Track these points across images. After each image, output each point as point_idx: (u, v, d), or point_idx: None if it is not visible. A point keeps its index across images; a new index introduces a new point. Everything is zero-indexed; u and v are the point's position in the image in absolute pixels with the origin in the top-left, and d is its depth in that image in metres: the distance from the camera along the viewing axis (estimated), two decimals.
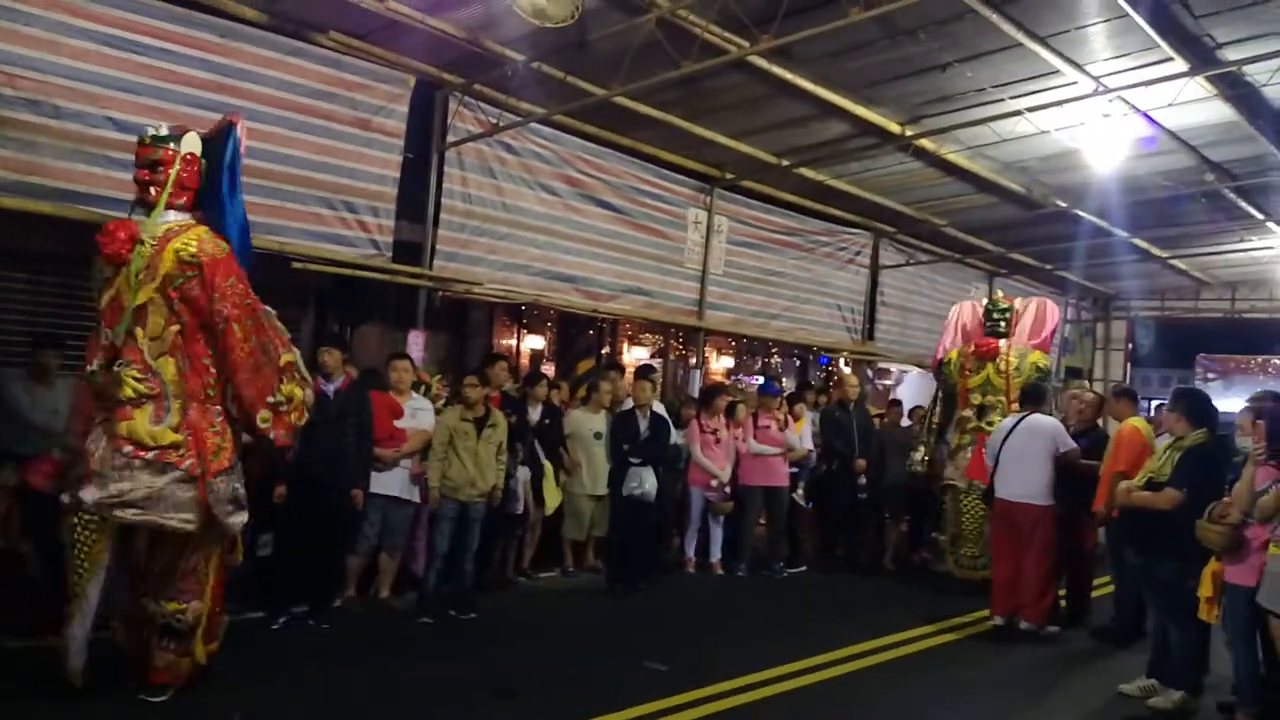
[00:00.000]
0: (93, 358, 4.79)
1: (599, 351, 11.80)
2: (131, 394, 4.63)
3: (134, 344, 4.66)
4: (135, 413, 4.63)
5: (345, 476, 6.27)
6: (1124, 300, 19.30)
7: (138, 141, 4.96)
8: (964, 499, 8.65)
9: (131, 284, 4.65)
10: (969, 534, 8.62)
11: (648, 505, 7.77)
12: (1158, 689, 5.66)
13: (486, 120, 8.69)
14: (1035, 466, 7.07)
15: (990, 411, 8.67)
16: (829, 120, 9.33)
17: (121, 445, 4.58)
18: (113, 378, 4.63)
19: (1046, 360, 8.91)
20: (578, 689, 5.36)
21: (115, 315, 4.69)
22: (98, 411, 4.76)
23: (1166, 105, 8.01)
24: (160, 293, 4.67)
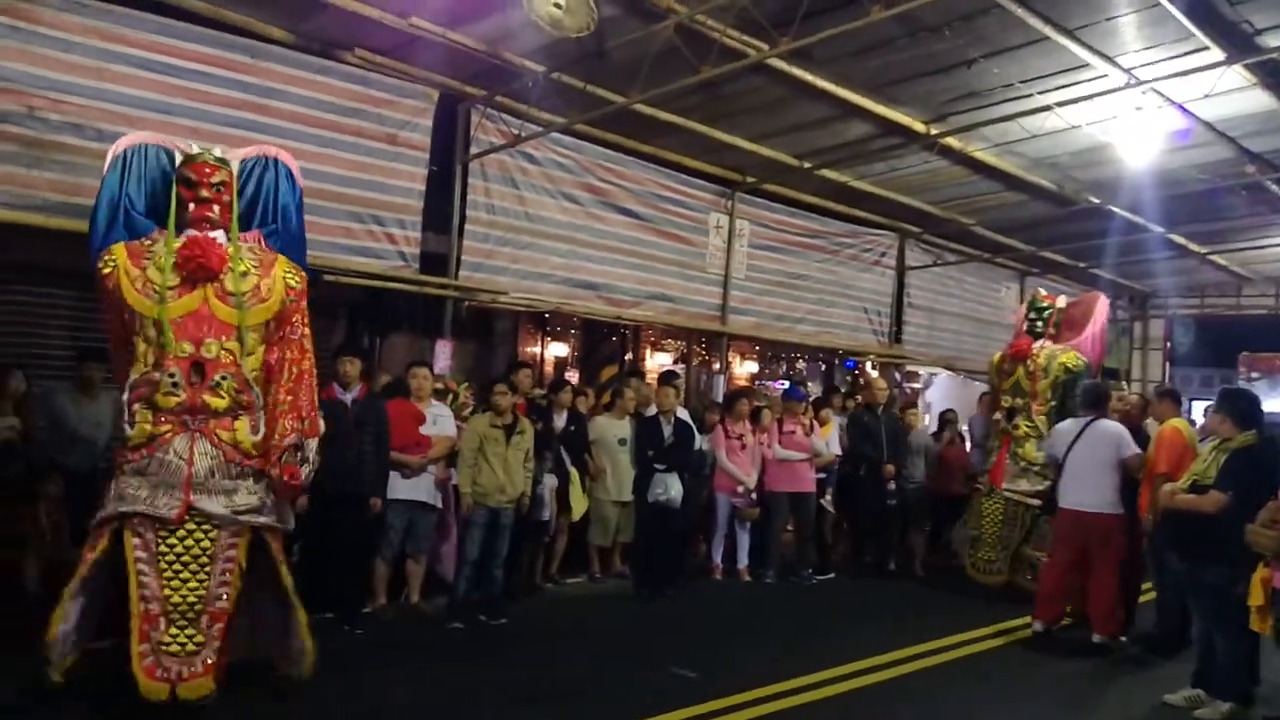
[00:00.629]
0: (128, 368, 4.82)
1: (622, 358, 11.82)
2: (232, 406, 4.85)
3: (232, 359, 4.88)
4: (236, 424, 4.86)
5: (363, 485, 6.31)
6: (1161, 298, 18.94)
7: (195, 159, 5.08)
8: (984, 502, 8.56)
9: (236, 302, 4.88)
10: (988, 538, 8.50)
11: (673, 511, 7.76)
12: (1204, 699, 5.49)
13: (508, 131, 8.76)
14: (1104, 474, 6.85)
15: (1018, 415, 8.55)
16: (851, 121, 9.28)
17: (233, 455, 4.82)
18: (211, 389, 4.79)
19: (1077, 360, 8.58)
20: (606, 695, 5.37)
21: (201, 328, 4.83)
22: (169, 421, 4.74)
23: (1203, 96, 7.84)
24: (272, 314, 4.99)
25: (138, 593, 4.58)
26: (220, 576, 4.71)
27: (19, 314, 7.19)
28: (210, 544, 4.71)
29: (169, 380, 4.74)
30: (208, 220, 4.99)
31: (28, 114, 6.32)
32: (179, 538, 4.67)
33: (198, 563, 4.68)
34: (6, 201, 6.28)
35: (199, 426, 4.79)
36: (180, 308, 4.82)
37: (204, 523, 4.70)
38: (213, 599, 4.67)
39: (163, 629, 4.57)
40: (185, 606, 4.61)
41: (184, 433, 4.76)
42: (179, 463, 4.71)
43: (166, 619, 4.59)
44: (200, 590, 4.65)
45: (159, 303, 4.77)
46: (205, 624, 4.64)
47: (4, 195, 6.27)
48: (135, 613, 4.57)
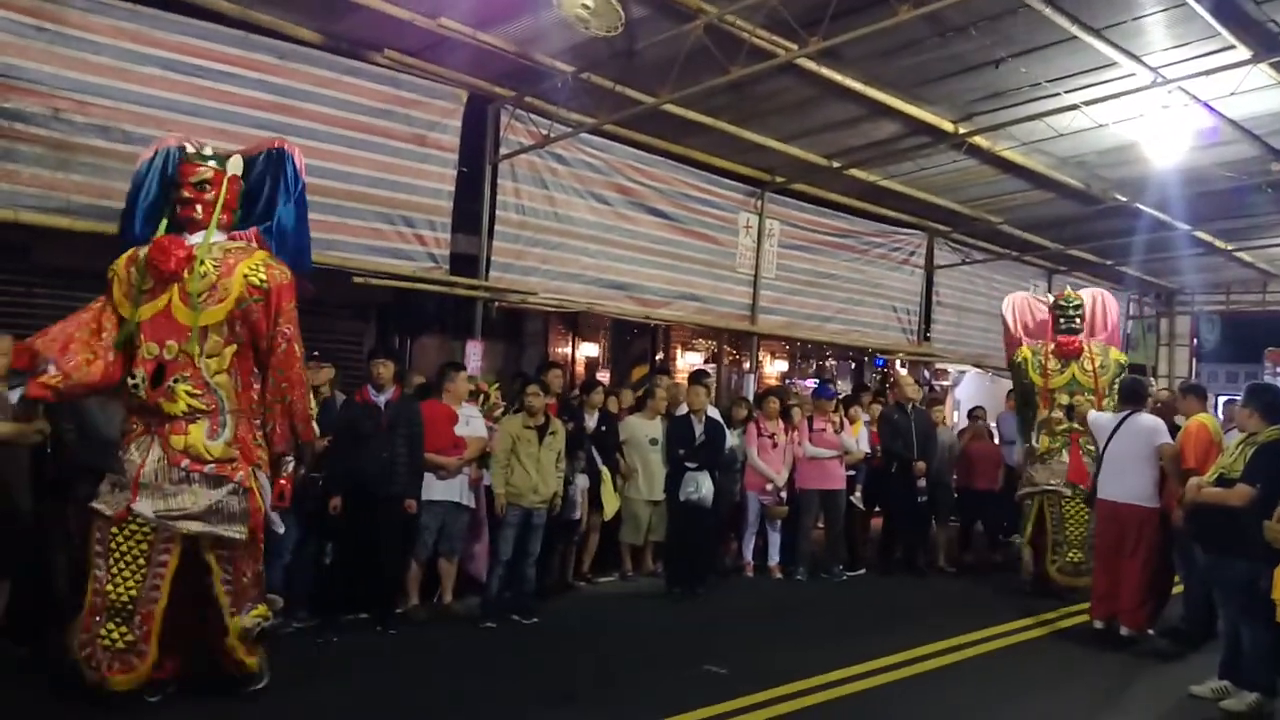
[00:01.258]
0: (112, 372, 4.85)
1: (653, 358, 11.86)
2: (186, 409, 4.78)
3: (190, 360, 4.80)
4: (190, 427, 4.78)
5: (397, 487, 6.34)
6: (1187, 295, 18.83)
7: (182, 159, 5.05)
8: (1067, 504, 8.26)
9: (192, 303, 4.80)
10: (1074, 539, 8.23)
11: (704, 510, 7.79)
12: (1230, 690, 5.51)
13: (537, 132, 8.82)
14: (1140, 467, 6.83)
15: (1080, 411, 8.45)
16: (880, 120, 9.29)
17: (179, 459, 4.74)
18: (166, 392, 4.76)
19: (1125, 356, 8.73)
20: (639, 692, 5.41)
21: (163, 330, 4.80)
22: (136, 423, 4.86)
23: (1229, 94, 7.84)
24: (225, 314, 4.85)
25: (92, 585, 4.70)
26: (152, 579, 4.70)
27: (45, 317, 7.21)
28: (147, 546, 4.70)
29: (131, 383, 4.82)
30: (191, 221, 4.98)
31: (53, 115, 6.35)
32: (124, 536, 4.70)
33: (136, 563, 4.69)
34: (32, 204, 6.31)
35: (155, 429, 4.80)
36: (150, 309, 4.83)
37: (143, 524, 4.69)
38: (145, 600, 4.68)
39: (101, 622, 4.65)
40: (120, 604, 4.66)
41: (145, 435, 4.82)
42: (134, 463, 4.76)
43: (105, 614, 4.66)
44: (134, 590, 4.67)
45: (135, 305, 4.84)
46: (136, 623, 4.67)
47: (30, 198, 6.30)
48: (86, 603, 4.69)
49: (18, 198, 6.29)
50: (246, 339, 4.94)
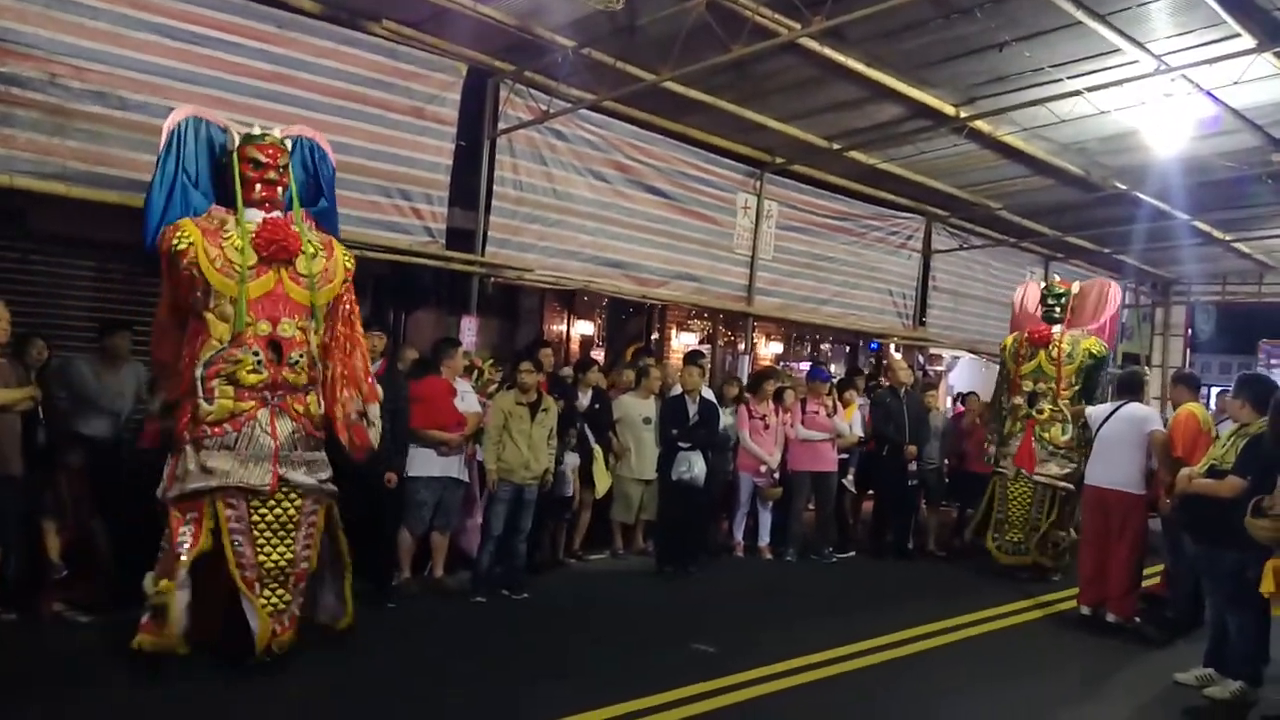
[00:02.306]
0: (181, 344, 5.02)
1: (648, 337, 11.85)
2: (307, 382, 5.10)
3: (305, 336, 5.08)
4: (308, 398, 5.12)
5: (378, 460, 6.25)
6: (1184, 284, 18.86)
7: (262, 140, 5.18)
8: (1011, 486, 8.64)
9: (309, 284, 5.09)
10: (1014, 520, 8.59)
11: (696, 489, 7.81)
12: (1215, 678, 5.56)
13: (537, 107, 8.75)
14: (1129, 454, 6.89)
15: (1041, 399, 8.62)
16: (881, 102, 9.24)
17: (311, 429, 5.11)
18: (291, 366, 5.00)
19: (1101, 346, 8.71)
20: (627, 669, 5.43)
21: (277, 308, 5.00)
22: (250, 397, 4.91)
23: (1231, 83, 7.79)
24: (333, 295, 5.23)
25: (234, 559, 4.82)
26: (304, 541, 5.02)
27: (39, 284, 7.19)
28: (296, 512, 4.98)
29: (253, 358, 4.90)
30: (271, 201, 5.15)
31: (50, 80, 6.28)
32: (269, 507, 4.91)
33: (285, 529, 4.95)
34: (28, 169, 6.25)
35: (278, 402, 4.99)
36: (259, 287, 4.97)
37: (290, 492, 4.96)
38: (299, 561, 4.99)
39: (259, 591, 4.84)
40: (276, 570, 4.90)
41: (264, 408, 4.95)
42: (265, 437, 4.92)
43: (260, 582, 4.85)
44: (289, 554, 4.95)
45: (239, 282, 4.90)
46: (292, 584, 4.96)
47: (26, 163, 6.24)
48: (235, 578, 4.81)
49: (13, 162, 6.22)
50: (335, 315, 5.30)
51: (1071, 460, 8.41)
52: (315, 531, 5.07)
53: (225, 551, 4.80)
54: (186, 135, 5.16)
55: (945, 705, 5.20)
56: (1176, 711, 5.33)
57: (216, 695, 4.64)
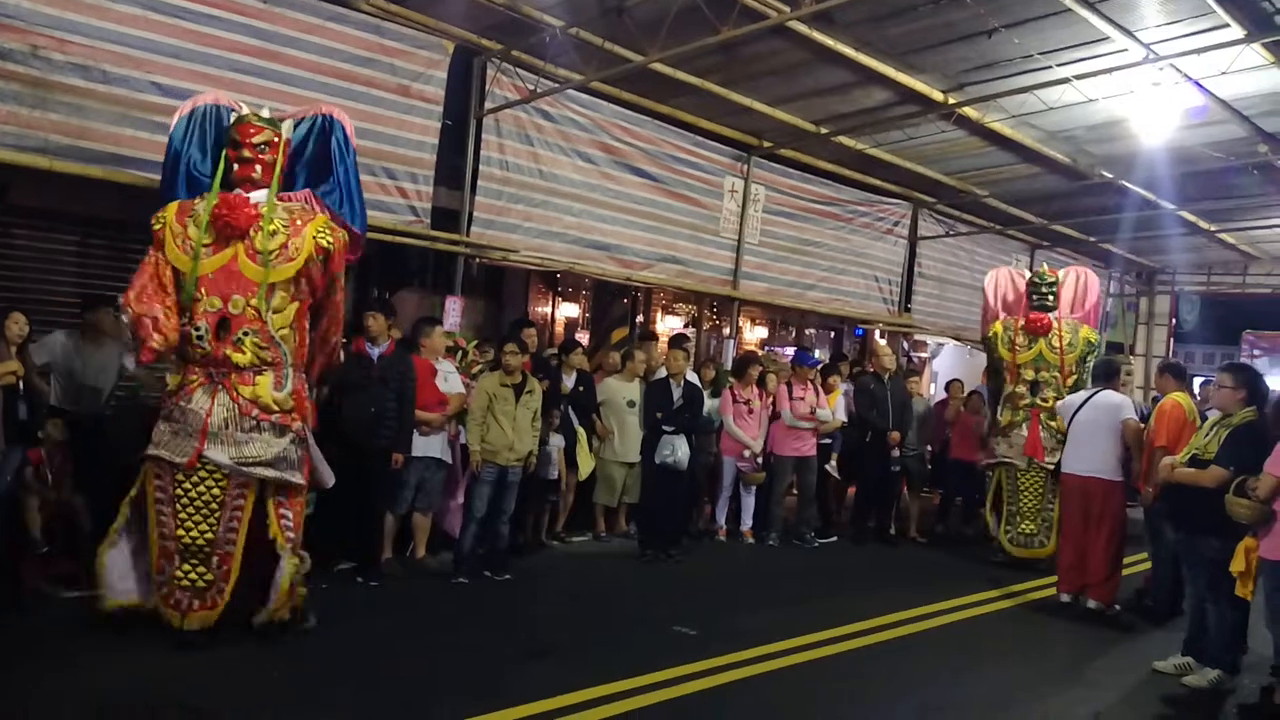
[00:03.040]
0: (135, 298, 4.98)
1: (633, 320, 11.83)
2: (254, 361, 5.03)
3: (257, 315, 5.03)
4: (258, 379, 5.05)
5: (384, 440, 6.37)
6: (1169, 274, 18.97)
7: (242, 119, 5.23)
8: (1023, 477, 8.58)
9: (262, 260, 5.02)
10: (1027, 511, 8.54)
11: (679, 473, 7.82)
12: (1193, 666, 5.63)
13: (524, 87, 8.69)
14: (1104, 441, 6.95)
15: (1044, 388, 8.57)
16: (870, 87, 9.22)
17: (249, 409, 5.01)
18: (234, 345, 4.98)
19: (1095, 334, 8.83)
20: (608, 650, 5.46)
21: (228, 285, 5.00)
22: (196, 373, 5.02)
23: (1219, 73, 7.80)
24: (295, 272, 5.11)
25: (156, 530, 4.96)
26: (228, 522, 4.97)
27: (22, 259, 7.12)
28: (220, 491, 4.96)
29: (195, 334, 4.97)
30: (249, 180, 5.17)
31: (31, 53, 6.19)
32: (192, 483, 4.94)
33: (208, 508, 4.95)
34: (10, 143, 6.17)
35: (221, 380, 5.01)
36: (212, 264, 5.00)
37: (214, 471, 4.95)
38: (222, 542, 4.97)
39: (176, 564, 4.92)
40: (195, 547, 4.93)
41: (207, 384, 5.01)
42: (199, 413, 4.95)
43: (180, 556, 4.92)
44: (209, 534, 4.94)
45: (193, 259, 4.97)
46: (215, 564, 4.96)
47: (7, 136, 6.16)
48: (153, 548, 4.96)
49: None
50: (307, 295, 5.22)
51: None
52: (241, 515, 5.01)
53: (150, 520, 4.97)
54: (198, 120, 5.28)
55: (926, 690, 5.24)
56: (1155, 699, 5.38)
57: (194, 670, 4.63)
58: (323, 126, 5.45)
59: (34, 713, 4.08)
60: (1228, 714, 5.25)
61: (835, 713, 4.86)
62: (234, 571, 4.99)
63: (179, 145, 5.25)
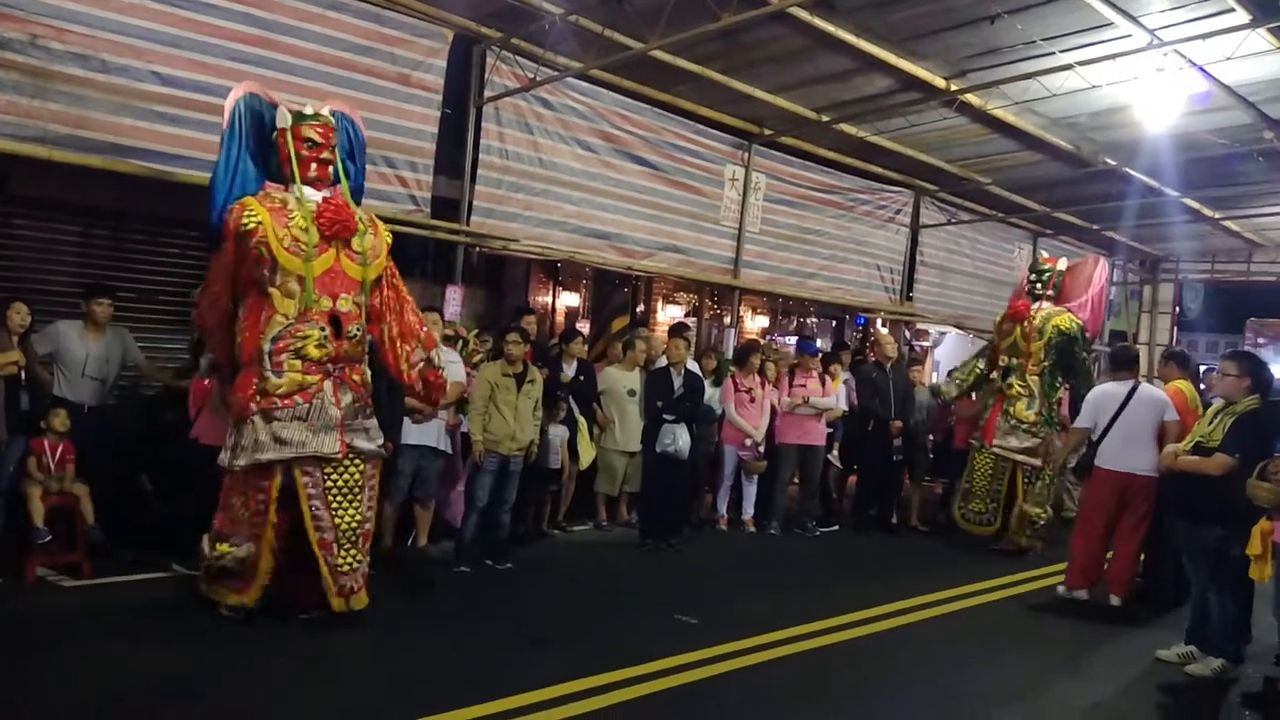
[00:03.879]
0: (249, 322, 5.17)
1: (633, 309, 11.81)
2: (361, 353, 5.38)
3: (359, 311, 5.33)
4: (362, 368, 5.39)
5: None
6: (1172, 262, 18.88)
7: (317, 119, 5.35)
8: (977, 457, 8.89)
9: (362, 260, 5.30)
10: (978, 491, 8.84)
11: (680, 462, 7.82)
12: (1196, 656, 5.62)
13: (523, 75, 8.66)
14: (1149, 438, 6.70)
15: (1012, 374, 8.75)
16: (871, 74, 9.16)
17: (365, 399, 5.38)
18: (349, 341, 5.24)
19: (1071, 323, 8.75)
20: (609, 639, 5.46)
21: (336, 284, 5.22)
22: (314, 371, 5.14)
23: (1224, 59, 7.72)
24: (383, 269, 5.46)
25: (313, 524, 5.13)
26: (368, 503, 5.34)
27: (23, 249, 7.10)
28: (360, 476, 5.28)
29: (319, 333, 5.14)
30: (323, 180, 5.36)
31: (30, 42, 6.17)
32: (339, 473, 5.19)
33: (354, 492, 5.25)
34: (9, 133, 6.15)
35: (339, 374, 5.25)
36: (321, 265, 5.18)
37: (356, 458, 5.24)
38: (365, 522, 5.30)
39: (336, 553, 5.13)
40: (350, 531, 5.19)
41: (329, 380, 5.21)
42: (332, 408, 5.18)
43: (338, 544, 5.14)
44: (358, 516, 5.25)
45: (306, 260, 5.11)
46: (362, 544, 5.26)
47: (6, 126, 6.14)
48: (314, 541, 5.12)
49: None
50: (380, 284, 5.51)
51: (1035, 435, 8.62)
52: (375, 493, 5.40)
53: (304, 517, 5.11)
54: (245, 115, 5.32)
55: (927, 679, 5.23)
56: (1158, 688, 5.37)
57: (196, 657, 4.64)
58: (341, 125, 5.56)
59: (40, 702, 4.09)
60: (1231, 703, 5.24)
61: (835, 701, 4.86)
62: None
63: (235, 144, 5.30)
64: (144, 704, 4.12)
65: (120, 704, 4.10)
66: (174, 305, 7.66)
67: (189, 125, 6.78)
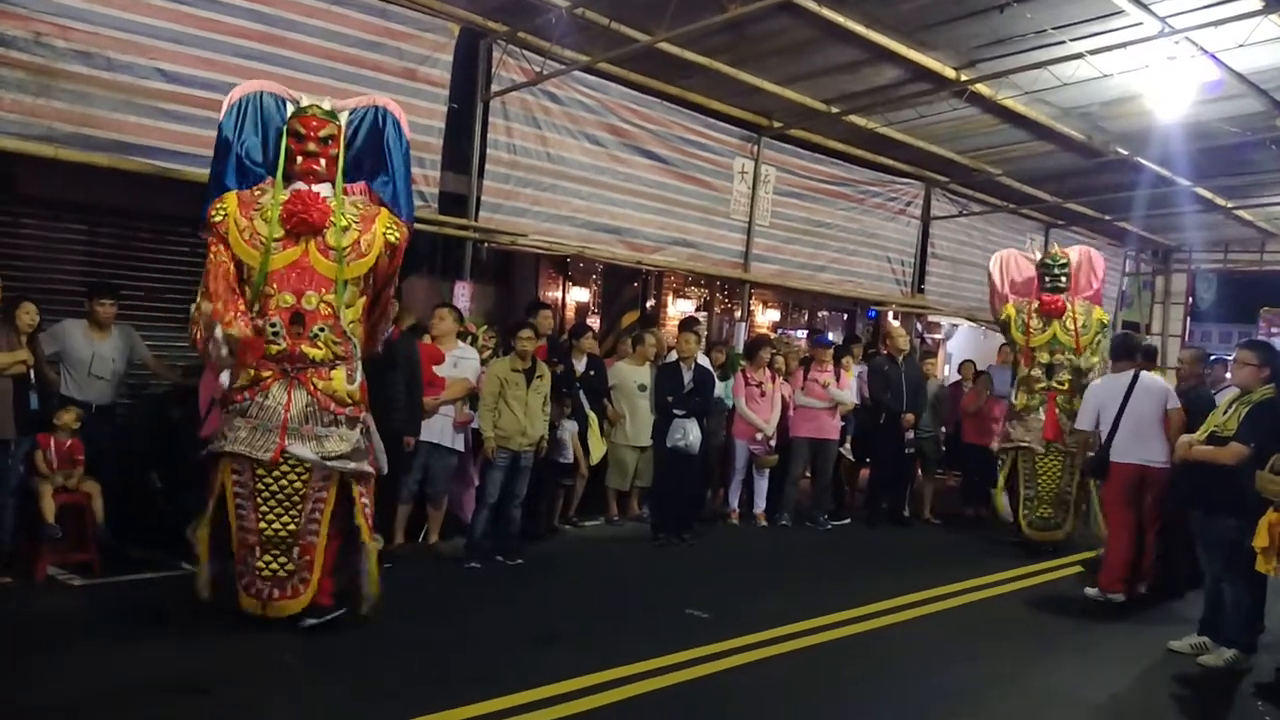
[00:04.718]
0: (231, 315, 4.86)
1: (644, 304, 11.77)
2: (330, 356, 5.03)
3: (331, 310, 5.02)
4: (333, 373, 5.05)
5: (395, 423, 6.31)
6: (1185, 252, 18.75)
7: (304, 111, 5.16)
8: (1040, 460, 8.46)
9: (336, 256, 5.01)
10: (1045, 496, 8.45)
11: (691, 456, 7.79)
12: (1209, 646, 5.59)
13: (530, 69, 8.61)
14: (1159, 428, 6.67)
15: (1059, 370, 8.46)
16: (880, 65, 9.09)
17: (327, 404, 5.01)
18: (309, 340, 4.95)
19: (1107, 315, 8.80)
20: (622, 634, 5.44)
21: (301, 281, 4.96)
22: (269, 368, 4.95)
23: (1237, 46, 7.65)
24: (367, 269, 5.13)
25: (236, 524, 4.95)
26: (310, 514, 4.98)
27: (30, 248, 7.07)
28: (302, 485, 4.95)
29: (270, 329, 4.92)
30: (313, 174, 5.12)
31: (34, 39, 6.14)
32: (274, 477, 4.91)
33: (290, 501, 4.93)
34: (14, 131, 6.12)
35: (296, 375, 4.99)
36: (283, 259, 4.96)
37: (296, 465, 4.93)
38: (304, 533, 4.97)
39: (257, 556, 4.93)
40: (278, 539, 4.92)
41: (282, 379, 4.97)
42: (277, 408, 4.93)
43: (261, 548, 4.92)
44: (292, 525, 4.94)
45: (264, 254, 4.93)
46: (296, 554, 4.96)
47: (10, 125, 6.11)
48: (234, 540, 4.95)
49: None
50: (371, 289, 5.25)
51: None
52: (324, 506, 5.01)
53: (230, 515, 4.93)
54: (246, 110, 5.17)
55: (940, 672, 5.19)
56: (1170, 679, 5.33)
57: (205, 654, 4.63)
58: (375, 119, 5.37)
59: (48, 699, 4.08)
60: (1243, 693, 5.19)
61: (849, 695, 4.83)
62: (318, 561, 5.01)
63: (229, 135, 5.13)
64: (153, 701, 4.11)
65: (129, 701, 4.09)
66: (181, 303, 7.62)
67: (194, 122, 6.75)
